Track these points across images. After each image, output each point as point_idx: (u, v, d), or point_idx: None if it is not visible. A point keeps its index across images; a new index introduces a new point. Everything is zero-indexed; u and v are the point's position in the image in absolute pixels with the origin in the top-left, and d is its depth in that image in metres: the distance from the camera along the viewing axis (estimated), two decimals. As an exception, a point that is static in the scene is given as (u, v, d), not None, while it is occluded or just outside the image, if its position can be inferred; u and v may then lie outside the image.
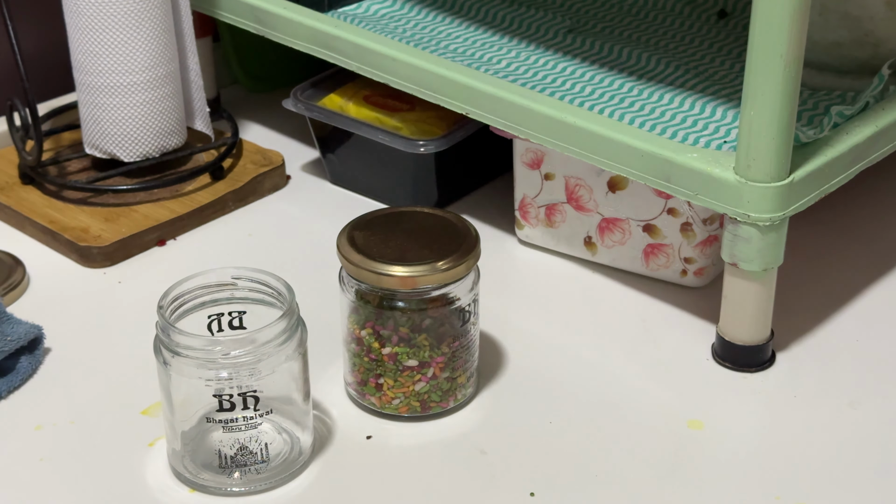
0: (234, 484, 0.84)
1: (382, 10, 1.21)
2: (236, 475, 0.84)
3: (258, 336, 0.81)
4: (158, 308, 0.82)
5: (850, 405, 0.93)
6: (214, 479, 0.84)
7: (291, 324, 0.83)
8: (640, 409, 0.92)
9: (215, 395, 0.82)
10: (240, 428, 0.83)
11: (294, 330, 0.83)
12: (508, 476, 0.86)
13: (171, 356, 0.82)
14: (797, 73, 0.85)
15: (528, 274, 1.08)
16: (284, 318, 0.82)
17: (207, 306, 0.86)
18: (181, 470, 0.85)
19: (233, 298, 0.86)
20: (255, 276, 0.86)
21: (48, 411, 0.92)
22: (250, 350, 0.81)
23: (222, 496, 0.84)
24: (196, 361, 0.81)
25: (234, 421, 0.83)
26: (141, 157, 1.14)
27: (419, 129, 1.13)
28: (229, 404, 0.82)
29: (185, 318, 0.85)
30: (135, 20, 1.09)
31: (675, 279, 1.04)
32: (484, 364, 0.96)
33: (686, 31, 1.18)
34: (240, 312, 0.87)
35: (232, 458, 0.84)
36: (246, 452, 0.84)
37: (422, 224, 0.91)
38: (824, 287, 1.05)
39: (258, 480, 0.85)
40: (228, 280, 0.86)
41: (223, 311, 0.87)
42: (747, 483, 0.86)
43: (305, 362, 0.85)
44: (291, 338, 0.83)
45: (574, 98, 1.04)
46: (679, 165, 0.91)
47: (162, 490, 0.85)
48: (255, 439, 0.84)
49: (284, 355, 0.83)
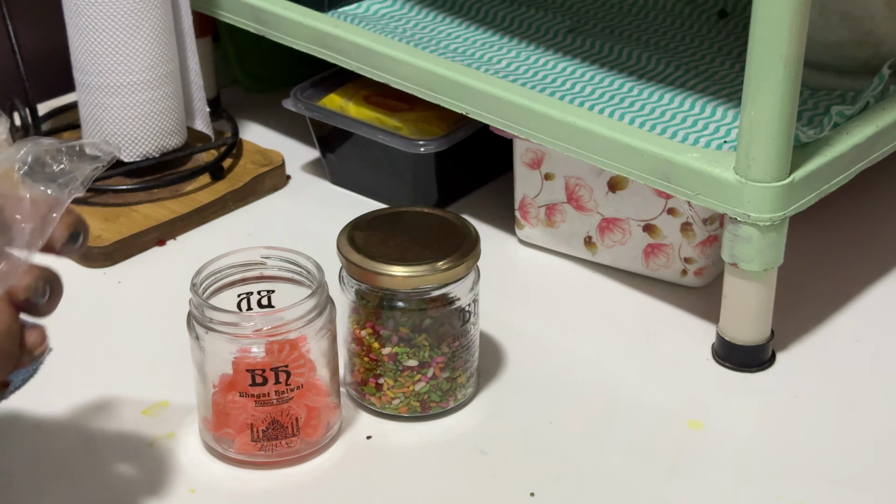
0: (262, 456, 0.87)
1: (382, 10, 1.21)
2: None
3: (288, 313, 0.84)
4: (192, 286, 0.85)
5: (850, 405, 0.93)
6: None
7: (321, 301, 0.85)
8: (640, 409, 0.92)
9: (248, 371, 0.83)
10: (272, 402, 0.84)
11: (323, 307, 0.85)
12: (508, 476, 0.86)
13: (205, 332, 0.84)
14: (797, 73, 0.85)
15: (528, 274, 1.08)
16: (315, 296, 0.84)
17: (237, 285, 0.89)
18: (210, 442, 0.88)
19: (262, 277, 0.89)
20: (285, 255, 0.88)
21: (48, 411, 0.92)
22: (281, 326, 0.83)
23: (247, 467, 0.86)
24: (226, 337, 0.83)
25: (265, 395, 0.84)
26: (141, 157, 1.14)
27: (419, 129, 1.13)
28: (262, 378, 0.84)
29: (216, 296, 0.87)
30: (135, 20, 1.09)
31: (675, 279, 1.04)
32: (484, 364, 0.96)
33: (686, 31, 1.18)
34: (269, 291, 0.89)
35: (264, 431, 0.85)
36: (277, 426, 0.85)
37: (422, 224, 0.91)
38: (824, 287, 1.05)
39: (289, 454, 0.87)
40: (258, 259, 0.89)
41: (252, 290, 0.89)
42: (747, 483, 0.86)
43: (334, 339, 0.87)
44: (321, 315, 0.85)
45: (574, 98, 1.04)
46: (679, 165, 0.91)
47: (162, 490, 0.85)
48: (287, 413, 0.85)
49: (314, 331, 0.85)
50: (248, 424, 0.85)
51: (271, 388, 0.84)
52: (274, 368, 0.84)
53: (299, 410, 0.86)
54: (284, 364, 0.84)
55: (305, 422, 0.86)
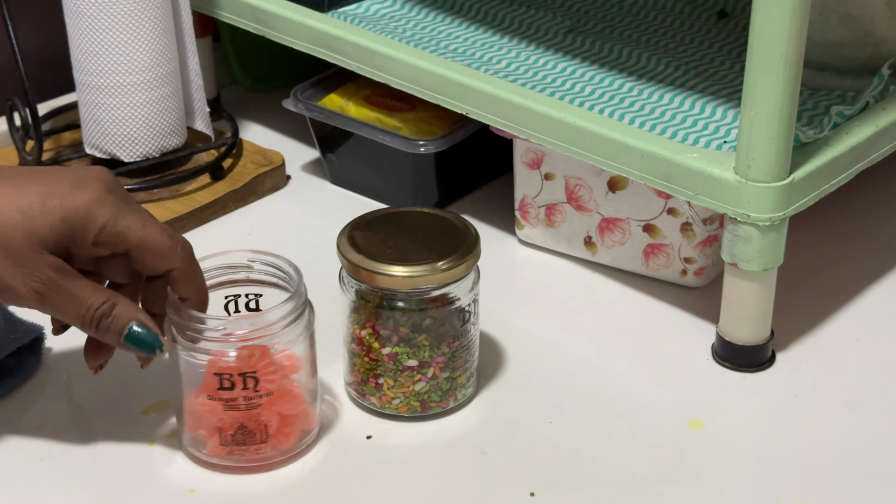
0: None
1: (382, 10, 1.21)
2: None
3: (260, 319, 0.83)
4: (169, 292, 0.84)
5: (850, 405, 0.93)
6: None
7: (297, 307, 0.84)
8: (640, 408, 0.92)
9: (216, 374, 0.83)
10: (240, 407, 0.84)
11: (300, 313, 0.84)
12: (508, 476, 0.86)
13: (179, 334, 0.84)
14: (797, 73, 0.85)
15: (528, 274, 1.08)
16: (290, 301, 0.84)
17: (225, 286, 0.88)
18: (186, 443, 0.87)
19: (248, 281, 0.88)
20: (268, 259, 0.88)
21: (48, 411, 0.92)
22: (255, 331, 0.83)
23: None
24: (208, 343, 0.83)
25: (234, 400, 0.84)
26: (141, 157, 1.14)
27: (419, 129, 1.13)
28: (230, 383, 0.83)
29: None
30: (135, 20, 1.09)
31: (675, 279, 1.04)
32: (484, 364, 0.96)
33: (686, 31, 1.18)
34: (256, 295, 0.89)
35: (232, 436, 0.85)
36: (246, 431, 0.85)
37: (422, 224, 0.91)
38: (824, 287, 1.05)
39: (258, 460, 0.86)
40: (240, 262, 0.88)
41: (241, 293, 0.89)
42: (747, 483, 0.86)
43: (312, 345, 0.86)
44: (297, 321, 0.84)
45: (574, 98, 1.04)
46: (679, 165, 0.91)
47: (162, 490, 0.85)
48: (255, 419, 0.85)
49: (288, 338, 0.84)
50: (217, 428, 0.85)
51: (239, 393, 0.83)
52: (242, 374, 0.83)
53: (270, 417, 0.85)
54: (253, 370, 0.83)
55: (278, 429, 0.85)
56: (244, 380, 0.83)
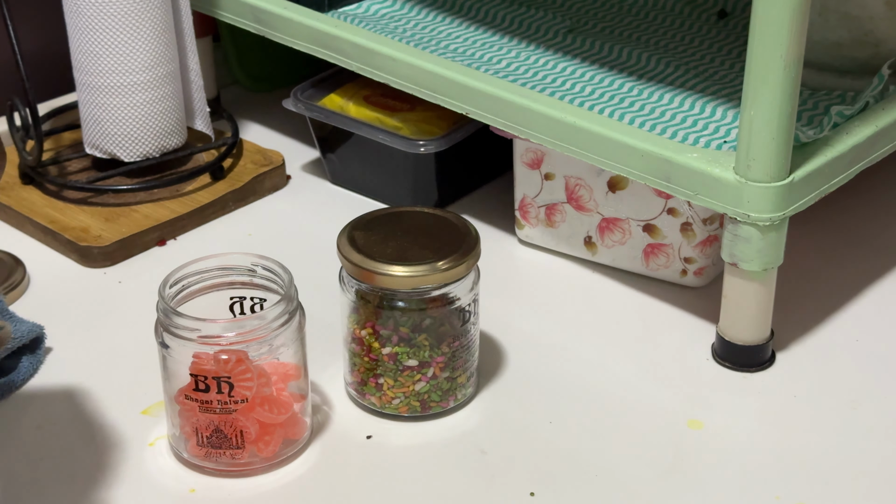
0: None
1: (382, 10, 1.21)
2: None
3: (249, 322, 0.83)
4: (161, 286, 0.84)
5: (850, 405, 0.93)
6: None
7: (288, 309, 0.84)
8: (640, 408, 0.92)
9: (192, 375, 0.83)
10: (215, 410, 0.84)
11: (291, 316, 0.84)
12: (508, 476, 0.86)
13: (167, 334, 0.84)
14: (797, 73, 0.85)
15: (528, 274, 1.08)
16: (281, 304, 0.84)
17: (224, 288, 0.88)
18: (172, 440, 0.87)
19: (236, 283, 0.88)
20: (263, 262, 0.88)
21: (48, 411, 0.92)
22: (241, 335, 0.82)
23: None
24: (180, 341, 0.83)
25: (209, 403, 0.84)
26: (141, 157, 1.14)
27: (419, 129, 1.13)
28: (204, 385, 0.83)
29: (196, 298, 0.87)
30: (135, 20, 1.09)
31: (675, 279, 1.04)
32: (484, 364, 0.96)
33: (686, 31, 1.18)
34: (261, 299, 0.88)
35: (207, 438, 0.85)
36: (221, 435, 0.85)
37: (422, 224, 0.91)
38: (824, 287, 1.05)
39: (234, 465, 0.86)
40: (244, 265, 0.88)
41: (245, 295, 0.89)
42: (747, 483, 0.86)
43: (302, 346, 0.86)
44: (287, 324, 0.84)
45: (574, 98, 1.04)
46: (679, 165, 0.91)
47: (162, 489, 0.85)
48: (231, 425, 0.85)
49: (275, 344, 0.84)
50: (195, 428, 0.85)
51: (214, 396, 0.83)
52: (216, 378, 0.83)
53: (248, 424, 0.85)
54: (227, 375, 0.83)
55: (258, 436, 0.85)
56: (218, 384, 0.83)
